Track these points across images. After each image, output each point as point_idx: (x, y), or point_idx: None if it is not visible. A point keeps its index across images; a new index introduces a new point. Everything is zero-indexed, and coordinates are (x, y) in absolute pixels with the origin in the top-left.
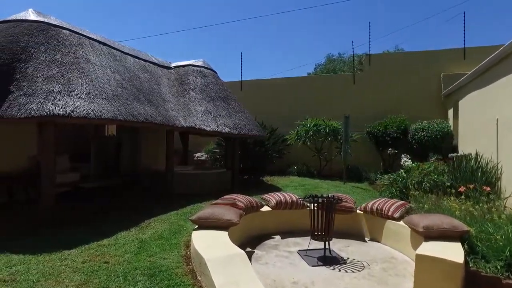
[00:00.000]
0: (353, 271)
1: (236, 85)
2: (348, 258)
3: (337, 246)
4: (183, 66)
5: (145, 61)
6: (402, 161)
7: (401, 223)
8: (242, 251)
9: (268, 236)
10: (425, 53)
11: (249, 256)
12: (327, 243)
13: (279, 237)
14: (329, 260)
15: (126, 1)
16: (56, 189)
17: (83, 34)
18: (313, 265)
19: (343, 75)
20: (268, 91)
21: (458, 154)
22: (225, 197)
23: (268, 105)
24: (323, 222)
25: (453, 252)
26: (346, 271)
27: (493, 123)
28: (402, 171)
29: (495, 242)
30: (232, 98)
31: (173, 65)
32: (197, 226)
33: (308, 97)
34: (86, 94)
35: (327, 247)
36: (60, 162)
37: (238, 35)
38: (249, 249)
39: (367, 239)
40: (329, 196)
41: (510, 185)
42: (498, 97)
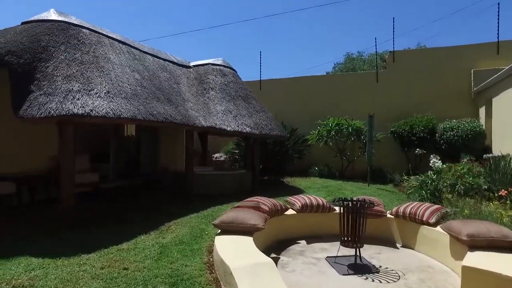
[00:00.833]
0: (388, 282)
1: (255, 85)
2: (380, 266)
3: (368, 252)
4: (202, 65)
5: (164, 60)
6: (431, 162)
7: (437, 229)
8: (270, 259)
9: (292, 241)
10: (454, 49)
11: (275, 262)
12: (358, 250)
13: (304, 242)
14: (360, 268)
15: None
16: (75, 189)
17: (103, 33)
18: (343, 274)
19: (366, 73)
20: (288, 90)
21: (494, 154)
22: (248, 199)
23: (288, 105)
24: (354, 227)
25: (506, 265)
26: (380, 281)
27: None
28: (431, 172)
29: None
30: (252, 97)
31: (191, 64)
32: (220, 230)
33: (329, 96)
34: (105, 93)
35: (358, 254)
36: (79, 162)
37: (253, 34)
38: (274, 255)
39: (398, 245)
40: (360, 199)
41: None
42: None
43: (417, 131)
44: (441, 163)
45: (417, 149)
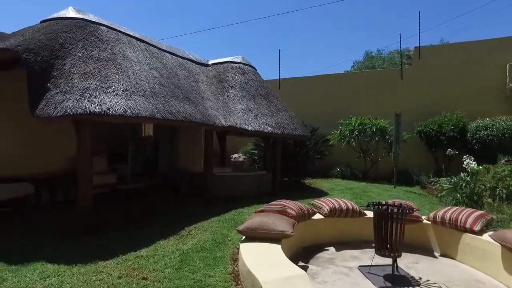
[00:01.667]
0: None
1: (273, 84)
2: (420, 278)
3: (404, 262)
4: (221, 63)
5: (183, 58)
6: (464, 163)
7: (485, 238)
8: (303, 272)
9: (320, 247)
10: (485, 43)
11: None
12: (393, 259)
13: (333, 249)
14: (398, 280)
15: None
16: (93, 190)
17: (121, 30)
18: (380, 286)
19: (389, 70)
20: (308, 89)
21: None
22: (273, 203)
23: (308, 104)
24: (391, 234)
25: None
26: None
27: None
28: (464, 174)
29: None
30: (273, 95)
31: (210, 62)
32: (244, 237)
33: (350, 94)
34: (123, 91)
35: (395, 264)
36: (97, 163)
37: (267, 33)
38: (302, 264)
39: (437, 254)
40: (396, 203)
41: None
42: None
43: (447, 130)
44: (476, 165)
45: (449, 149)
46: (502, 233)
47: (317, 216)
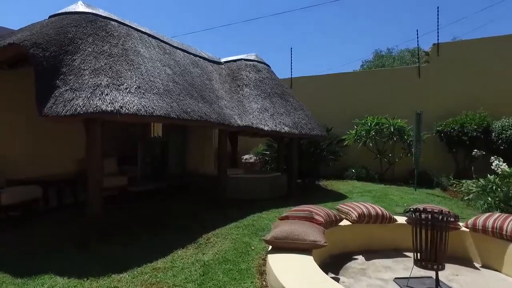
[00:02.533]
0: None
1: (285, 82)
2: None
3: (443, 273)
4: (234, 60)
5: (195, 55)
6: (493, 164)
7: None
8: None
9: (348, 256)
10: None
11: None
12: (435, 272)
13: (362, 258)
14: None
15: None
16: (103, 193)
17: (132, 26)
18: None
19: (406, 68)
20: (321, 88)
21: None
22: (298, 208)
23: (320, 103)
24: (434, 244)
25: None
26: None
27: None
28: (493, 176)
29: None
30: (289, 94)
31: (222, 60)
32: (270, 247)
33: (365, 93)
34: (136, 88)
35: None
36: (107, 165)
37: (276, 32)
38: (332, 275)
39: (477, 265)
40: (436, 209)
41: None
42: None
43: (469, 130)
44: (506, 166)
45: (475, 150)
46: None
47: (344, 222)
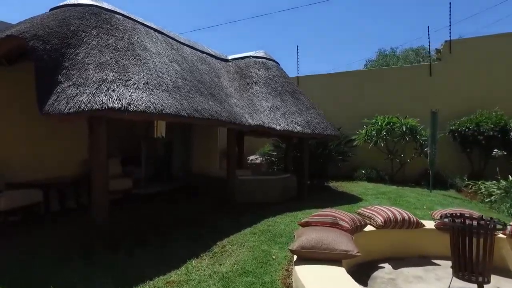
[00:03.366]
0: None
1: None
2: None
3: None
4: (242, 58)
5: (202, 52)
6: None
7: None
8: None
9: (373, 264)
10: None
11: None
12: (479, 285)
13: (389, 266)
14: None
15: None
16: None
17: (137, 20)
18: None
19: (417, 66)
20: (328, 87)
21: None
22: (321, 214)
23: (328, 103)
24: (479, 255)
25: None
26: None
27: None
28: None
29: None
30: (300, 92)
31: (229, 57)
32: (296, 256)
33: (374, 92)
34: (144, 84)
35: None
36: (110, 166)
37: (276, 30)
38: (361, 287)
39: None
40: (476, 216)
41: None
42: None
43: (486, 129)
44: None
45: (495, 150)
46: None
47: (368, 228)
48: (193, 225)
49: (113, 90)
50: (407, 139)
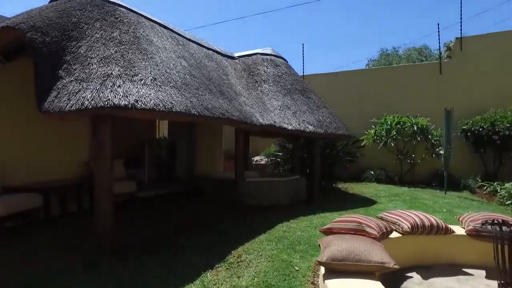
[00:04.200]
0: None
1: None
2: None
3: None
4: (249, 55)
5: (208, 49)
6: None
7: None
8: None
9: (400, 274)
10: None
11: None
12: None
13: (418, 276)
14: None
15: None
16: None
17: (142, 14)
18: None
19: (426, 64)
20: (334, 86)
21: None
22: (343, 219)
23: (334, 102)
24: None
25: None
26: None
27: None
28: None
29: None
30: (310, 90)
31: (235, 55)
32: (323, 269)
33: (382, 91)
34: (151, 80)
35: None
36: (115, 168)
37: (272, 31)
38: None
39: None
40: None
41: None
42: None
43: (501, 128)
44: None
45: None
46: None
47: (394, 234)
48: (202, 231)
49: (119, 86)
50: (419, 139)
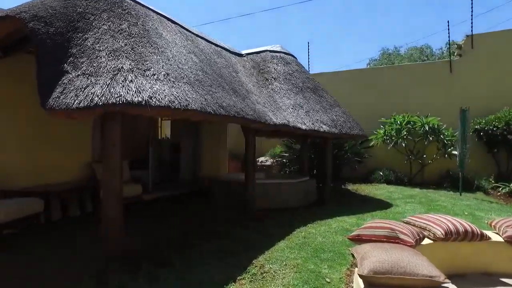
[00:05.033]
0: None
1: None
2: None
3: None
4: (258, 52)
5: (216, 45)
6: None
7: None
8: None
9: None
10: None
11: None
12: None
13: (454, 287)
14: None
15: None
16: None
17: (149, 7)
18: None
19: (436, 62)
20: (341, 85)
21: None
22: (373, 225)
23: (340, 101)
24: None
25: None
26: None
27: None
28: None
29: None
30: (322, 89)
31: (243, 52)
32: (362, 282)
33: (390, 90)
34: (164, 75)
35: None
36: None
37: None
38: None
39: None
40: None
41: None
42: None
43: None
44: None
45: None
46: None
47: (425, 241)
48: (217, 237)
49: (131, 80)
50: (431, 139)
